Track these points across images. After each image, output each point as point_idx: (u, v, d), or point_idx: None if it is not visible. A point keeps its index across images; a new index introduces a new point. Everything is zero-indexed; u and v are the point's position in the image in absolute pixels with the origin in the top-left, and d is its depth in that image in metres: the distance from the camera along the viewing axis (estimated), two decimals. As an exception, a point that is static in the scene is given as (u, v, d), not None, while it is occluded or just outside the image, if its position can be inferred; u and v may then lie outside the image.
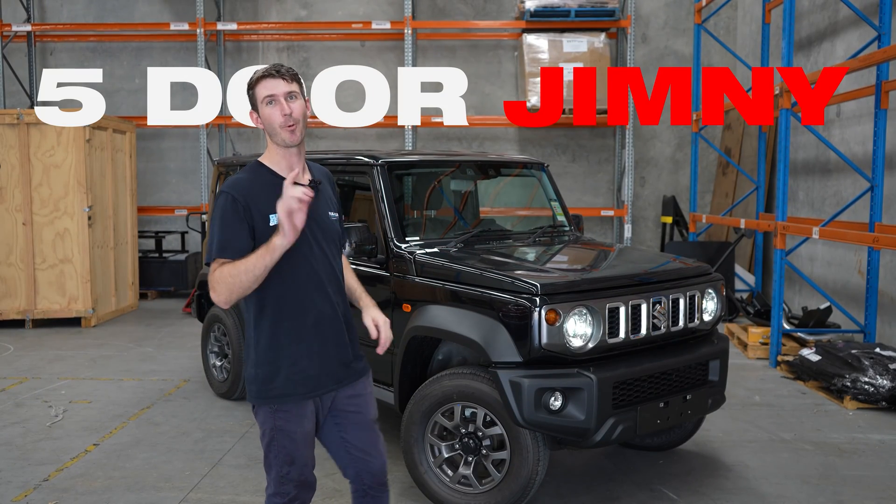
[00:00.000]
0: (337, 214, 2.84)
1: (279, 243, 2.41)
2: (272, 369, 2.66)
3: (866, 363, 5.69)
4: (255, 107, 2.67)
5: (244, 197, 2.59)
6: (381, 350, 2.83)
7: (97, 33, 11.25)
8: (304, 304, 2.67)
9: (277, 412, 2.67)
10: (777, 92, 6.92)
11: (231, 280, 2.46)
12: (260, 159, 2.75)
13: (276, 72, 2.61)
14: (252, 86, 2.65)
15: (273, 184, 2.60)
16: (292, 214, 2.37)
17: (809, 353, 6.26)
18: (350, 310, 2.85)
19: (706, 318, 4.26)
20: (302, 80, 2.70)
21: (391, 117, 10.52)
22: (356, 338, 2.84)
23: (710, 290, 4.28)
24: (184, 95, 11.39)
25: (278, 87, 2.60)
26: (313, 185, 2.67)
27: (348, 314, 2.82)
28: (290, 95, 2.61)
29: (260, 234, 2.58)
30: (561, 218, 5.27)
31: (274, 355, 2.67)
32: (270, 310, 2.66)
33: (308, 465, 2.76)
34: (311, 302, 2.67)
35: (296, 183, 2.40)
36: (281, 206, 2.36)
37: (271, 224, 2.57)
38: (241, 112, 9.12)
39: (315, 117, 9.44)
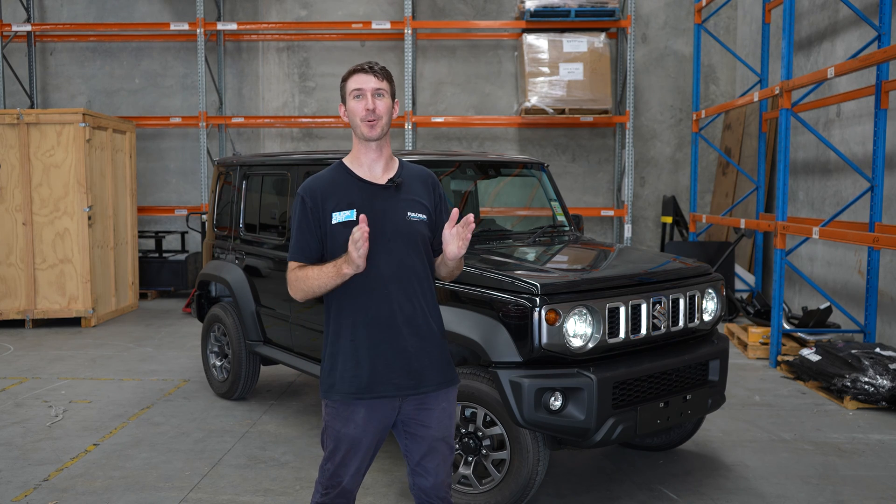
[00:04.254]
0: (423, 216, 2.74)
1: (348, 272, 2.54)
2: (330, 364, 2.73)
3: (866, 363, 5.69)
4: (343, 100, 2.74)
5: (312, 198, 2.71)
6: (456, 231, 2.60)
7: (97, 33, 11.26)
8: (363, 304, 2.66)
9: (328, 406, 2.73)
10: (777, 92, 6.92)
11: (305, 286, 2.66)
12: (344, 160, 2.81)
13: (368, 68, 2.69)
14: (344, 79, 2.73)
15: (344, 182, 2.73)
16: (358, 248, 2.47)
17: (809, 353, 6.26)
18: (436, 315, 2.76)
19: (706, 318, 4.26)
20: (393, 81, 2.76)
21: (391, 117, 10.52)
22: (437, 347, 2.74)
23: (710, 290, 4.28)
24: (184, 95, 11.42)
25: (368, 82, 2.68)
26: (391, 183, 2.72)
27: (427, 319, 2.71)
28: (377, 92, 2.68)
29: (325, 231, 2.69)
30: (561, 218, 5.27)
31: (332, 350, 2.73)
32: (335, 305, 2.71)
33: (346, 469, 2.71)
34: (371, 302, 2.66)
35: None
36: (350, 248, 2.48)
37: (333, 222, 2.67)
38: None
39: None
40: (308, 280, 2.63)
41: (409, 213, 2.72)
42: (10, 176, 8.41)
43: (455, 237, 2.61)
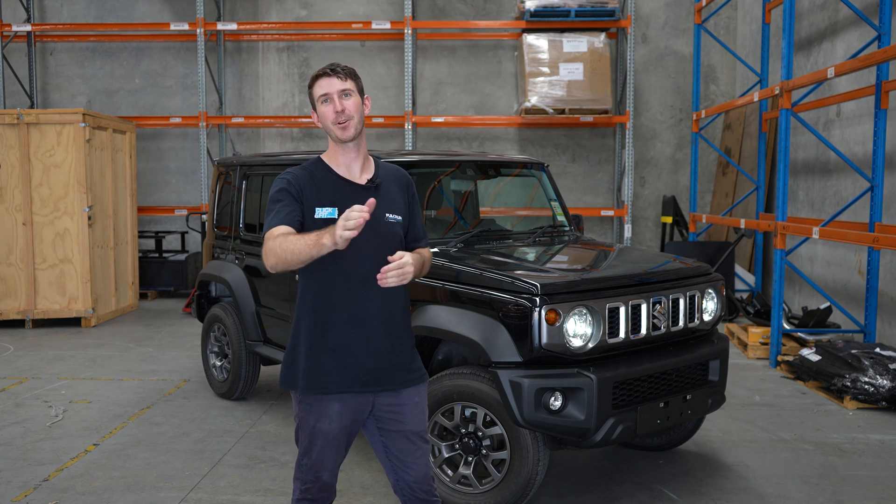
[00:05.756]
0: (399, 217, 2.76)
1: (327, 243, 2.40)
2: (294, 357, 2.74)
3: (866, 363, 5.69)
4: (314, 106, 2.74)
5: (298, 184, 2.68)
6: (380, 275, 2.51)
7: (97, 33, 11.26)
8: (334, 302, 2.67)
9: (301, 402, 2.74)
10: (777, 92, 6.92)
11: (280, 254, 2.52)
12: (321, 156, 2.80)
13: (331, 70, 2.68)
14: (310, 86, 2.72)
15: (325, 178, 2.71)
16: (346, 230, 2.37)
17: (809, 353, 6.26)
18: (407, 315, 2.80)
19: (706, 318, 4.26)
20: (359, 79, 2.74)
21: (391, 117, 10.54)
22: (407, 346, 2.79)
23: (710, 290, 4.28)
24: (184, 95, 11.42)
25: (333, 85, 2.66)
26: (370, 184, 2.72)
27: (400, 320, 2.76)
28: (344, 93, 2.67)
29: (307, 223, 2.66)
30: (561, 218, 5.27)
31: (297, 343, 2.74)
32: (307, 299, 2.72)
33: (324, 464, 2.73)
34: (342, 300, 2.67)
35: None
36: (340, 222, 2.36)
37: (316, 217, 2.65)
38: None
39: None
40: (286, 244, 2.49)
41: (387, 215, 2.73)
42: (10, 176, 8.41)
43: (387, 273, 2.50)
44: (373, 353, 2.70)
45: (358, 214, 2.33)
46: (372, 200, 2.40)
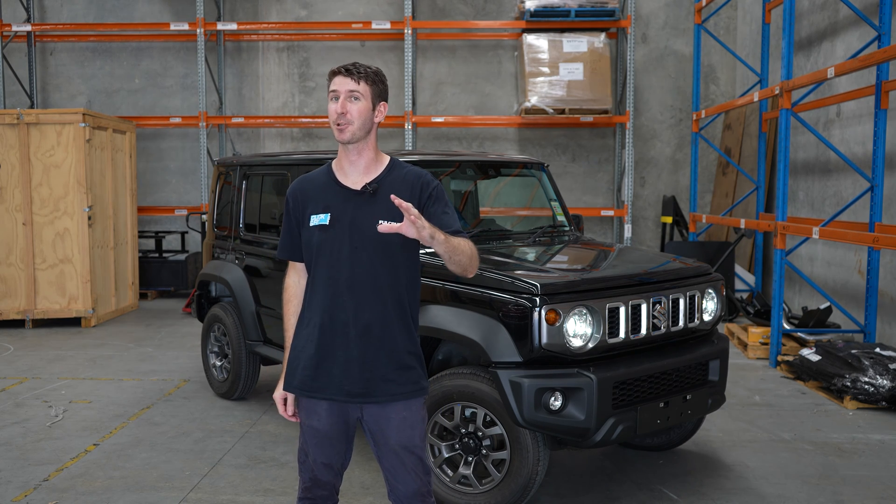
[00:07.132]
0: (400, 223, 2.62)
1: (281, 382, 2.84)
2: (291, 356, 2.78)
3: (866, 363, 5.69)
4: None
5: (294, 199, 2.77)
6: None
7: (97, 33, 11.26)
8: (325, 307, 2.66)
9: (298, 400, 2.79)
10: (777, 92, 6.92)
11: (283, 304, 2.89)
12: (333, 161, 2.82)
13: (346, 70, 2.66)
14: (328, 80, 2.71)
15: (324, 185, 2.75)
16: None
17: (809, 353, 6.26)
18: (403, 326, 2.67)
19: (706, 318, 4.26)
20: (378, 84, 2.68)
21: (391, 117, 10.53)
22: (395, 357, 2.65)
23: (710, 290, 4.28)
24: (184, 95, 11.42)
25: (345, 84, 2.63)
26: (365, 189, 2.68)
27: (388, 329, 2.64)
28: (352, 95, 2.63)
29: (304, 231, 2.72)
30: (561, 218, 5.27)
31: (297, 343, 2.76)
32: (307, 301, 2.75)
33: (318, 462, 2.73)
34: (331, 307, 2.65)
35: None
36: (285, 408, 2.87)
37: (311, 224, 2.69)
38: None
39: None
40: (285, 314, 2.85)
41: (381, 221, 2.58)
42: (10, 176, 8.41)
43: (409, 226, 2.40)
44: (353, 362, 2.64)
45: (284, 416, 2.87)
46: (294, 418, 2.85)
